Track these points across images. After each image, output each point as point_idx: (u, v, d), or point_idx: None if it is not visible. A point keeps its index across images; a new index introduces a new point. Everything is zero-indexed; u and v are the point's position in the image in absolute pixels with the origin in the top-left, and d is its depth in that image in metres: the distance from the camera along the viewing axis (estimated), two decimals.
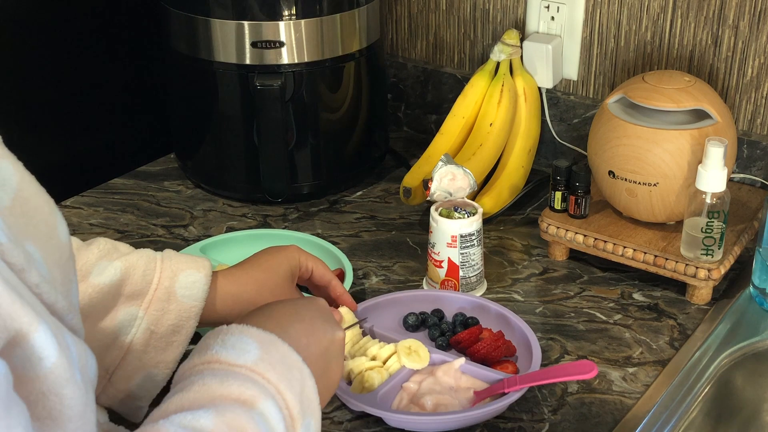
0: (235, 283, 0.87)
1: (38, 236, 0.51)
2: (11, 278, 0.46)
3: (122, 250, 0.83)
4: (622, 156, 1.05)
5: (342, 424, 0.88)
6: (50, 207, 0.54)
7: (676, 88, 1.05)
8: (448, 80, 1.43)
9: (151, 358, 0.81)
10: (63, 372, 0.47)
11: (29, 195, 0.52)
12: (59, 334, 0.48)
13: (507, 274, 1.12)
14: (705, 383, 0.94)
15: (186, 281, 0.83)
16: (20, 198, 0.51)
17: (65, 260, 0.54)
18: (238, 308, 0.86)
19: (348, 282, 1.03)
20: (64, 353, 0.48)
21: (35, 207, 0.52)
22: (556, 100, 1.33)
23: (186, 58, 1.22)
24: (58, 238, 0.54)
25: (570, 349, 0.98)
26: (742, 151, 1.19)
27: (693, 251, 1.03)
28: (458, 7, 1.39)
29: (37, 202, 0.53)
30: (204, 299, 0.83)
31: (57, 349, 0.47)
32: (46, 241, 0.52)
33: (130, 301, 0.80)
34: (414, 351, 0.91)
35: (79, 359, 0.50)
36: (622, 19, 1.24)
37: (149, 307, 0.80)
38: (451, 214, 1.05)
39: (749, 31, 1.15)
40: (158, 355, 0.81)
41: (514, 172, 1.26)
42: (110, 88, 1.38)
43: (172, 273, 0.82)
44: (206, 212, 1.26)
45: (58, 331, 0.49)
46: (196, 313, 0.82)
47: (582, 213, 1.11)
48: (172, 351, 0.81)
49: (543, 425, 0.87)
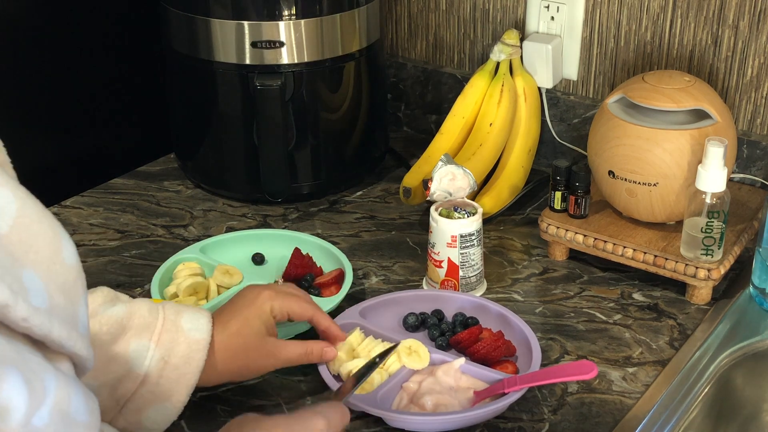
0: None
1: (39, 261, 0.50)
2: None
3: (123, 299, 0.85)
4: (622, 156, 1.05)
5: None
6: (54, 230, 0.53)
7: (676, 88, 1.05)
8: (448, 80, 1.43)
9: (164, 389, 0.81)
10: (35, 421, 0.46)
11: (30, 221, 0.51)
12: (36, 378, 0.47)
13: (507, 274, 1.12)
14: (705, 383, 0.94)
15: (190, 317, 0.84)
16: (19, 225, 0.50)
17: (71, 283, 0.53)
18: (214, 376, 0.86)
19: (348, 282, 1.03)
20: (35, 401, 0.46)
21: (36, 232, 0.51)
22: (556, 100, 1.33)
23: (186, 58, 1.22)
24: (63, 262, 0.53)
25: (570, 349, 0.98)
26: (742, 151, 1.19)
27: (693, 251, 1.03)
28: (458, 7, 1.39)
29: (39, 227, 0.52)
30: (210, 334, 0.83)
31: (27, 399, 0.45)
32: (48, 266, 0.51)
33: (140, 333, 0.81)
34: (414, 351, 0.91)
35: (58, 402, 0.48)
36: (622, 19, 1.24)
37: (159, 338, 0.81)
38: (451, 214, 1.05)
39: (749, 31, 1.15)
40: (171, 386, 0.81)
41: (514, 172, 1.26)
42: (110, 88, 1.38)
43: (176, 311, 0.84)
44: (206, 212, 1.26)
45: (35, 375, 0.47)
46: (204, 346, 0.82)
47: (582, 213, 1.11)
48: (185, 382, 0.82)
49: (543, 425, 0.87)
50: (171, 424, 0.82)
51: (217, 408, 0.90)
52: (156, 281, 1.03)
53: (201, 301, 1.03)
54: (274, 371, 0.94)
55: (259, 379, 0.94)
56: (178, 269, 1.06)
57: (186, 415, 0.88)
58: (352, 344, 0.93)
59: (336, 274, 1.05)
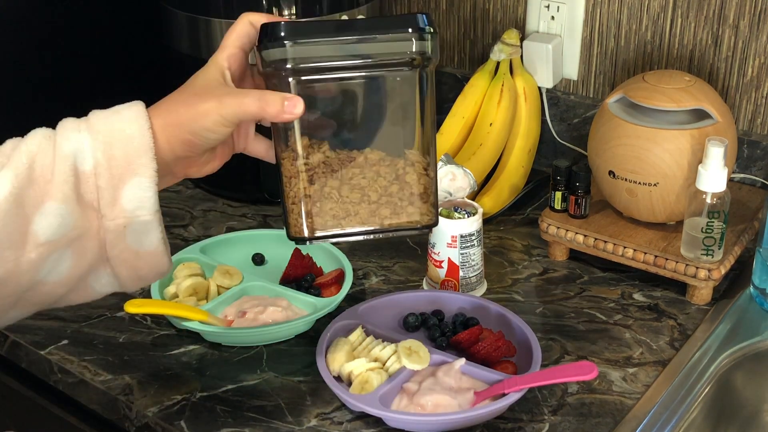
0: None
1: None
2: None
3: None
4: (622, 156, 1.05)
5: (342, 424, 0.88)
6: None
7: (676, 88, 1.05)
8: (448, 80, 1.42)
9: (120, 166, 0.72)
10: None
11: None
12: None
13: (507, 274, 1.12)
14: (705, 383, 0.94)
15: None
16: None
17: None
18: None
19: (348, 282, 1.03)
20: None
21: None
22: (556, 99, 1.33)
23: (187, 58, 1.22)
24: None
25: (570, 349, 0.98)
26: (742, 151, 1.19)
27: (693, 251, 1.03)
28: (458, 6, 1.39)
29: None
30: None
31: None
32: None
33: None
34: (414, 351, 0.91)
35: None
36: (622, 18, 1.24)
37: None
38: (451, 214, 1.05)
39: (749, 30, 1.15)
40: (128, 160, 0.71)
41: (514, 172, 1.26)
42: (110, 88, 1.38)
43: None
44: (206, 212, 1.26)
45: None
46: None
47: (582, 213, 1.11)
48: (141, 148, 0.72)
49: (543, 425, 0.87)
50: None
51: (217, 408, 0.90)
52: (156, 281, 1.03)
53: (201, 301, 1.03)
54: (274, 372, 0.94)
55: (258, 379, 0.94)
56: (178, 269, 1.06)
57: (186, 416, 0.88)
58: (352, 344, 0.93)
59: (336, 274, 1.05)
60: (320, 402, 0.90)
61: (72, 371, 0.95)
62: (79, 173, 0.69)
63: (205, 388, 0.92)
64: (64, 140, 0.70)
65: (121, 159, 0.70)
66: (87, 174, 0.69)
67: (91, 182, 0.69)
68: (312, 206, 0.76)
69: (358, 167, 0.76)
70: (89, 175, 0.69)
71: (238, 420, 0.88)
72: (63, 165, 0.69)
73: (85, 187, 0.69)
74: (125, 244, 0.71)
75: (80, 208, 0.69)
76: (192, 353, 0.98)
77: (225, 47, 0.77)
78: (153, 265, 0.74)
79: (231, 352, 0.98)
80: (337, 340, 0.93)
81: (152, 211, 0.71)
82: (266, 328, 0.96)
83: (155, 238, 0.73)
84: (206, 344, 0.99)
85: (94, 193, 0.69)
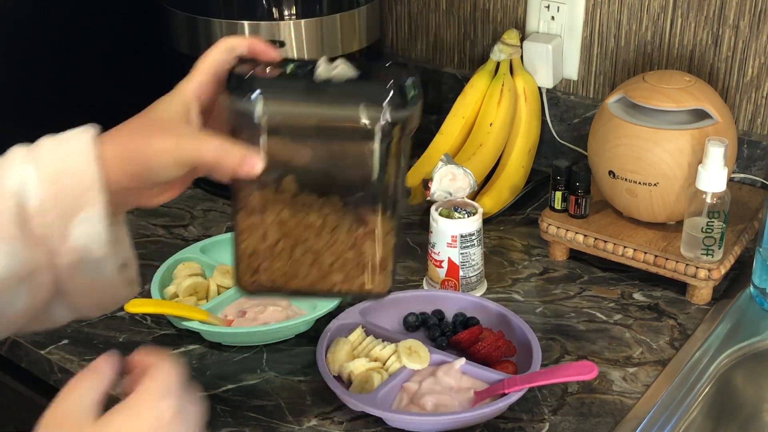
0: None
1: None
2: None
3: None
4: (622, 156, 1.05)
5: (342, 424, 0.88)
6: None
7: (676, 88, 1.05)
8: (448, 80, 1.42)
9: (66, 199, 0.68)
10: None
11: None
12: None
13: (507, 274, 1.12)
14: (705, 383, 0.94)
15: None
16: None
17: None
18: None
19: None
20: None
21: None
22: (556, 100, 1.33)
23: (187, 58, 1.22)
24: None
25: (570, 349, 0.98)
26: (742, 151, 1.19)
27: (693, 251, 1.03)
28: (458, 7, 1.39)
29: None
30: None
31: None
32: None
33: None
34: (414, 351, 0.91)
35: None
36: (622, 18, 1.24)
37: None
38: (451, 214, 1.05)
39: (749, 30, 1.15)
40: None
41: (514, 172, 1.26)
42: (110, 89, 1.38)
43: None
44: (206, 212, 1.26)
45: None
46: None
47: (582, 213, 1.11)
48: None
49: (543, 425, 0.87)
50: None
51: (217, 408, 0.90)
52: (156, 281, 1.03)
53: (201, 301, 1.03)
54: (274, 372, 0.94)
55: (259, 379, 0.94)
56: (178, 269, 1.06)
57: None
58: (352, 344, 0.93)
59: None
60: (320, 402, 0.90)
61: (72, 371, 0.95)
62: (26, 210, 0.66)
63: (205, 387, 0.92)
64: (10, 175, 0.66)
65: (69, 192, 0.66)
66: (33, 211, 0.66)
67: (38, 220, 0.66)
68: (261, 263, 0.72)
69: (314, 230, 0.72)
70: (36, 212, 0.66)
71: (238, 420, 0.88)
72: (8, 202, 0.65)
73: (33, 224, 0.66)
74: (80, 279, 0.68)
75: (30, 246, 0.66)
76: (192, 353, 0.98)
77: (195, 75, 0.73)
78: (112, 295, 0.72)
79: (231, 352, 0.98)
80: (337, 340, 0.93)
81: (104, 246, 0.67)
82: (266, 327, 0.96)
83: (110, 271, 0.69)
84: (206, 344, 0.99)
85: (43, 228, 0.66)
